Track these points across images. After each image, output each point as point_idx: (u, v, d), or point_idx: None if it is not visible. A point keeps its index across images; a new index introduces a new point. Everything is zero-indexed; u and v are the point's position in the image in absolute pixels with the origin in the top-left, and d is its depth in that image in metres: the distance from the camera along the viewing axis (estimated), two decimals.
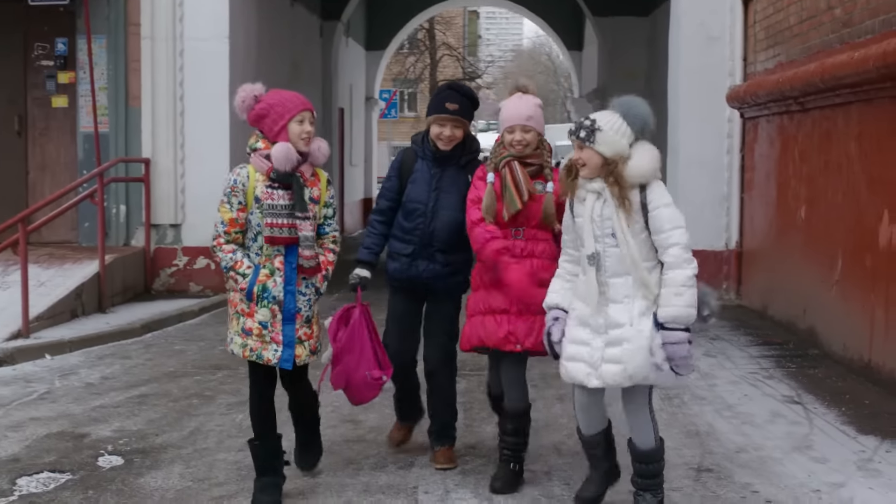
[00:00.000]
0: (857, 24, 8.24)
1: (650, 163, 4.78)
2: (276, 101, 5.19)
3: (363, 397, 5.66)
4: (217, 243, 5.17)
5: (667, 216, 4.73)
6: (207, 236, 12.36)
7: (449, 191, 5.82)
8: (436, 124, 5.80)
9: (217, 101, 12.17)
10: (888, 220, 7.45)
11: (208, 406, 7.37)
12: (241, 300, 5.20)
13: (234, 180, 5.15)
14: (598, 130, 4.75)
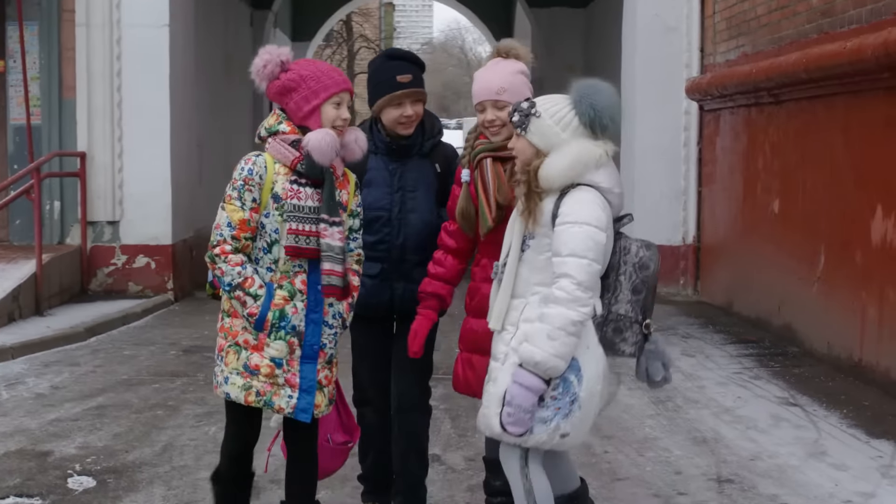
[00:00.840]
0: (839, 13, 8.03)
1: (563, 167, 3.76)
2: (311, 74, 4.12)
3: (326, 467, 4.50)
4: (221, 251, 4.03)
5: (567, 238, 3.71)
6: (147, 233, 12.18)
7: (415, 188, 4.77)
8: (390, 106, 4.68)
9: (157, 91, 11.56)
10: (882, 214, 7.23)
11: (175, 417, 6.88)
12: (244, 328, 4.08)
13: (250, 170, 4.05)
14: (533, 116, 3.85)
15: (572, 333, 3.70)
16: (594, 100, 3.82)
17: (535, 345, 3.72)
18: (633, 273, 3.83)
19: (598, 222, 3.73)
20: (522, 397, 3.74)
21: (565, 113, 3.84)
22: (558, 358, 3.70)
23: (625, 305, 3.83)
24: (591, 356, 3.79)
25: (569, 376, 3.76)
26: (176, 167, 11.85)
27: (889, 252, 7.13)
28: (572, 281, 3.68)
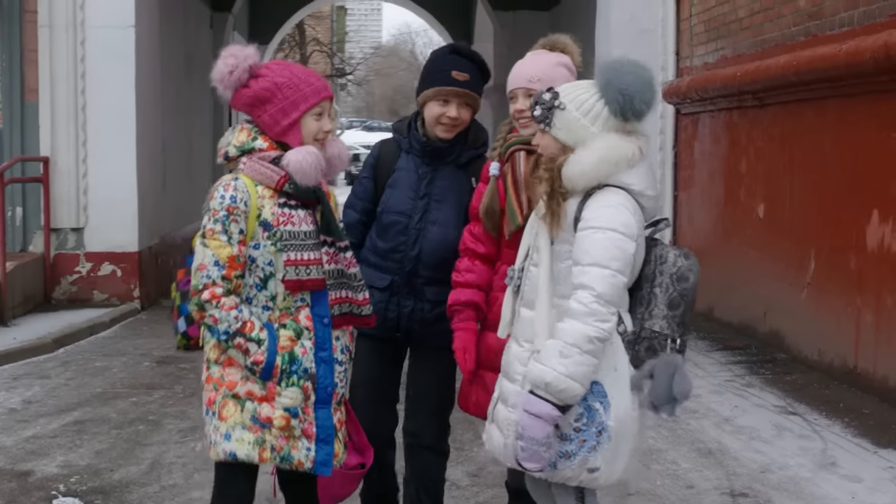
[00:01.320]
0: (829, 16, 7.92)
1: (589, 165, 3.32)
2: (287, 82, 3.59)
3: (337, 494, 3.94)
4: (211, 295, 3.45)
5: (589, 245, 3.28)
6: (112, 240, 11.84)
7: (442, 199, 4.33)
8: (436, 101, 4.24)
9: (123, 94, 11.22)
10: (878, 219, 7.13)
11: (158, 433, 6.60)
12: (244, 378, 3.56)
13: (233, 197, 3.47)
14: (557, 108, 3.40)
15: (588, 352, 3.24)
16: (623, 83, 3.34)
17: (546, 363, 3.28)
18: (670, 285, 3.38)
19: (625, 228, 3.30)
20: (533, 428, 3.27)
21: (594, 102, 3.38)
22: (571, 379, 3.23)
23: (660, 321, 3.36)
24: (619, 380, 3.33)
25: (593, 404, 3.31)
26: (142, 172, 11.53)
27: (886, 257, 7.02)
28: (591, 293, 3.25)
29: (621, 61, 3.44)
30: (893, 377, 6.91)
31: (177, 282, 3.79)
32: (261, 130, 3.63)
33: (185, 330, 3.73)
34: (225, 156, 3.63)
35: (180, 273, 3.79)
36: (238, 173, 3.57)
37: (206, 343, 3.66)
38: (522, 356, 3.49)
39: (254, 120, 3.64)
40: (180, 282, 3.76)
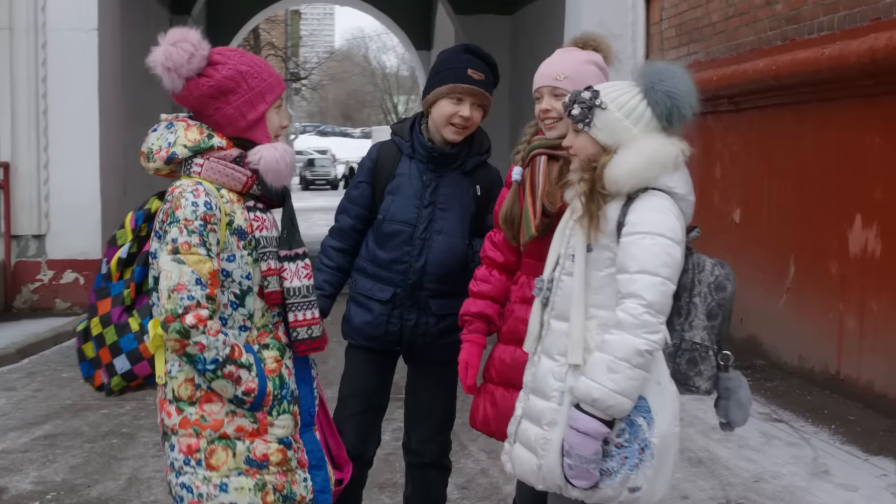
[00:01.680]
0: (807, 20, 7.89)
1: (637, 166, 3.15)
2: (250, 70, 3.21)
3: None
4: (196, 319, 3.00)
5: (638, 251, 3.10)
6: (75, 248, 11.59)
7: (448, 207, 4.14)
8: (450, 98, 4.03)
9: (85, 98, 11.02)
10: (861, 223, 7.09)
11: (133, 446, 6.41)
12: (230, 414, 3.14)
13: (207, 203, 3.08)
14: (598, 107, 3.21)
15: (638, 365, 3.05)
16: (671, 86, 3.20)
17: (594, 379, 3.08)
18: (708, 295, 3.23)
19: (673, 234, 3.11)
20: (582, 446, 3.10)
21: (636, 103, 3.21)
22: (621, 395, 3.05)
23: (700, 332, 3.20)
24: (662, 394, 3.15)
25: (636, 419, 3.11)
26: (105, 178, 11.33)
27: (870, 262, 6.98)
28: (641, 302, 3.05)
29: (666, 66, 3.29)
30: (879, 383, 6.87)
31: (108, 314, 3.26)
32: (210, 127, 3.20)
33: (129, 369, 3.22)
34: (168, 158, 3.17)
35: (104, 303, 3.28)
36: (194, 177, 3.16)
37: (172, 380, 3.15)
38: (557, 371, 3.28)
39: (209, 114, 3.21)
40: (112, 313, 3.25)
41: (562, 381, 3.25)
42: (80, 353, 3.37)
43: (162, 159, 3.19)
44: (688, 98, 3.21)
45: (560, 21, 12.66)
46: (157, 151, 3.19)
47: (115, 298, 3.26)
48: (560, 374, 3.26)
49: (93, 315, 3.29)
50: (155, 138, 3.23)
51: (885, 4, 6.82)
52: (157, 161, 3.19)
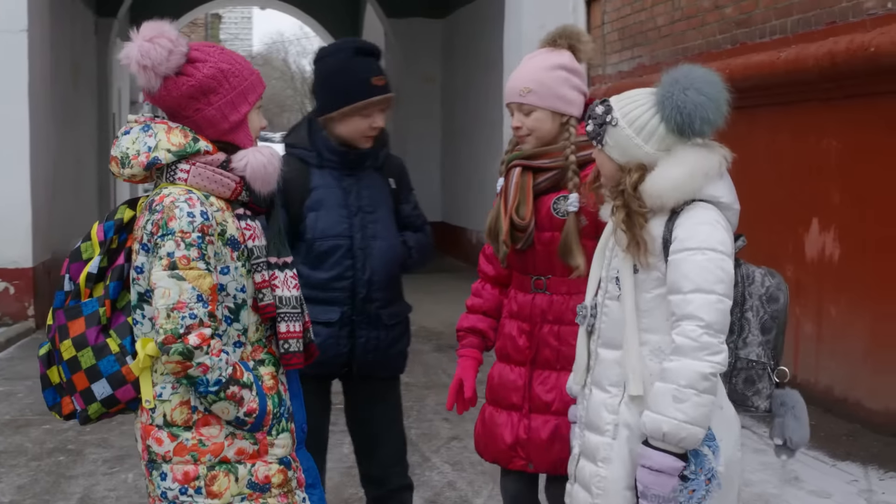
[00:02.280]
0: (759, 24, 7.88)
1: (681, 179, 2.97)
2: (231, 68, 3.03)
3: None
4: (200, 339, 2.83)
5: (689, 268, 2.91)
6: (5, 256, 11.14)
7: (375, 209, 3.96)
8: (360, 116, 3.85)
9: (15, 102, 10.65)
10: (818, 227, 7.08)
11: (82, 464, 6.17)
12: (229, 436, 2.98)
13: (204, 213, 2.90)
14: (608, 124, 3.04)
15: (705, 391, 2.83)
16: (681, 99, 2.97)
17: (660, 412, 2.86)
18: (761, 307, 3.07)
19: (724, 247, 2.93)
20: (658, 484, 2.88)
21: (648, 119, 3.02)
22: (692, 424, 2.83)
23: (756, 349, 3.05)
24: (724, 418, 2.97)
25: (700, 449, 2.89)
26: (36, 185, 10.98)
27: (828, 266, 6.97)
28: (699, 324, 2.85)
29: (686, 72, 3.05)
30: (838, 387, 6.86)
31: (83, 335, 3.01)
32: (191, 129, 3.01)
33: (110, 394, 2.99)
34: (149, 164, 2.96)
35: (77, 324, 3.02)
36: (179, 184, 2.96)
37: (164, 403, 2.96)
38: (610, 403, 3.09)
39: (188, 115, 3.01)
40: (87, 335, 3.01)
41: (615, 414, 3.06)
42: (43, 379, 3.14)
43: (141, 165, 2.97)
44: (702, 111, 2.98)
45: (498, 24, 12.58)
46: (133, 156, 2.98)
47: (89, 318, 3.03)
48: (613, 406, 3.08)
49: (63, 337, 3.02)
50: (129, 142, 3.01)
51: (840, 8, 6.81)
52: (135, 167, 2.98)
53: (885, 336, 6.44)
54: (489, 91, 14.44)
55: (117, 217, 3.12)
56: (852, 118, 6.70)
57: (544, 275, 3.66)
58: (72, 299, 3.08)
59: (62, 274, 3.16)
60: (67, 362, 3.00)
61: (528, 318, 3.69)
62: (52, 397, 3.12)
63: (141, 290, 2.97)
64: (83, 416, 3.04)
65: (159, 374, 2.97)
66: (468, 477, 5.80)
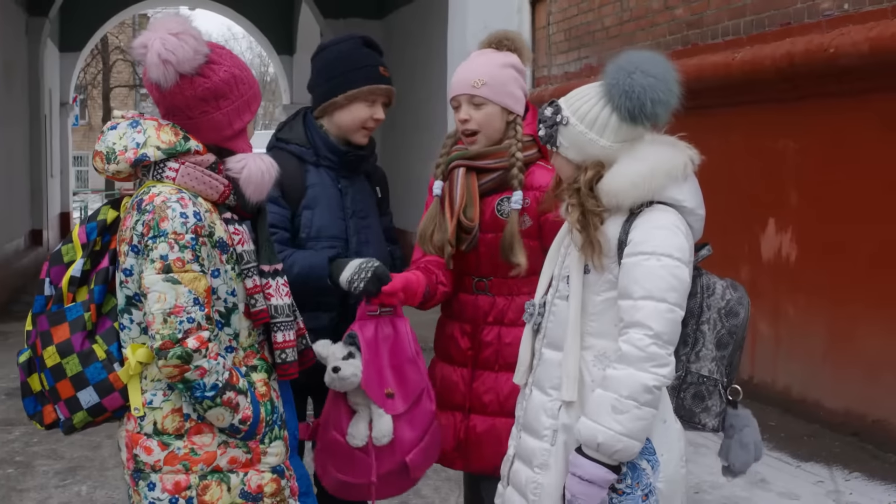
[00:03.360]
0: (711, 24, 7.88)
1: (638, 177, 2.84)
2: (241, 74, 2.98)
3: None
4: (199, 342, 2.76)
5: (642, 274, 2.79)
6: None
7: (366, 214, 3.88)
8: (364, 102, 3.75)
9: None
10: (775, 228, 7.09)
11: (32, 477, 5.99)
12: (222, 445, 2.89)
13: (196, 214, 2.83)
14: (560, 124, 2.92)
15: (646, 403, 2.74)
16: (628, 83, 2.83)
17: (597, 420, 2.76)
18: (719, 321, 2.93)
19: (681, 254, 2.81)
20: (587, 495, 2.79)
21: (599, 111, 2.89)
22: (629, 437, 2.74)
23: (708, 364, 2.91)
24: (668, 433, 2.88)
25: (639, 462, 2.82)
26: None
27: (785, 267, 6.99)
28: (647, 332, 2.74)
29: (630, 57, 2.91)
30: (796, 387, 6.87)
31: (67, 341, 2.91)
32: (189, 130, 2.93)
33: (97, 402, 2.89)
34: (136, 160, 2.87)
35: (60, 330, 2.92)
36: (167, 182, 2.88)
37: (154, 411, 2.87)
38: (550, 407, 2.99)
39: (192, 116, 2.92)
40: (72, 341, 2.91)
41: (554, 419, 2.97)
42: (24, 387, 3.03)
43: (128, 161, 2.89)
44: (651, 92, 2.84)
45: (438, 25, 12.54)
46: (120, 152, 2.89)
47: (74, 323, 2.93)
48: (552, 410, 2.98)
49: (47, 343, 2.92)
50: (116, 137, 2.92)
51: (795, 9, 6.83)
52: (121, 163, 2.90)
53: (844, 336, 6.46)
54: (430, 91, 14.38)
55: (100, 218, 3.05)
56: (808, 119, 6.72)
57: (486, 276, 3.65)
58: (54, 304, 2.99)
59: (42, 278, 3.05)
60: (51, 370, 2.90)
61: (471, 320, 3.69)
62: (32, 406, 3.03)
63: (129, 293, 2.88)
64: (67, 425, 2.95)
65: (149, 381, 2.89)
66: (433, 483, 5.71)
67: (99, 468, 5.96)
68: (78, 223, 3.11)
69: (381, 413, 3.40)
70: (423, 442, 3.47)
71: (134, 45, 2.90)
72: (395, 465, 3.46)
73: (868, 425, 6.19)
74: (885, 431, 6.04)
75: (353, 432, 3.44)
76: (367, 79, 3.75)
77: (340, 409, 3.48)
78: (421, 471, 3.50)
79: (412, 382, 3.45)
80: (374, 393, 3.41)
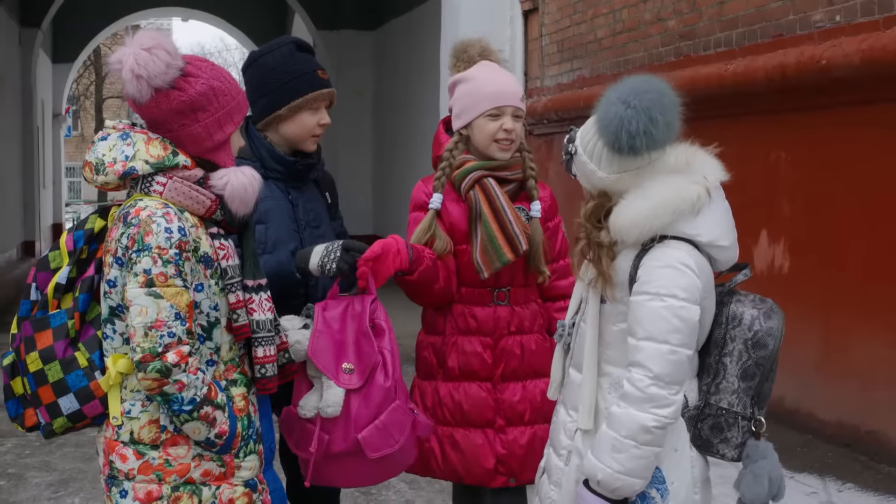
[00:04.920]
0: (703, 36, 7.91)
1: (643, 213, 2.79)
2: (222, 86, 2.97)
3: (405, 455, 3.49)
4: (179, 357, 2.76)
5: (644, 315, 2.77)
6: None
7: (318, 223, 3.80)
8: (309, 110, 3.69)
9: None
10: (768, 239, 7.10)
11: (24, 489, 5.96)
12: (196, 457, 2.90)
13: (181, 229, 2.83)
14: (573, 154, 2.94)
15: (646, 443, 2.73)
16: (611, 113, 2.80)
17: (598, 458, 2.78)
18: (745, 352, 2.90)
19: (687, 293, 2.75)
20: None
21: (595, 142, 2.86)
22: (627, 476, 2.75)
23: (728, 397, 2.89)
24: (680, 462, 2.88)
25: (649, 492, 2.82)
26: None
27: (777, 277, 6.99)
28: (647, 374, 2.72)
29: (619, 85, 2.89)
30: (789, 398, 6.87)
31: (51, 347, 2.92)
32: (173, 143, 2.92)
33: (77, 409, 2.91)
34: (125, 173, 2.87)
35: (44, 336, 2.94)
36: (154, 196, 2.87)
37: (132, 420, 2.88)
38: (569, 427, 3.02)
39: (171, 129, 2.92)
40: (55, 347, 2.93)
41: (570, 440, 3.00)
42: (7, 389, 3.03)
43: (117, 174, 2.88)
44: (629, 124, 2.78)
45: (431, 36, 12.56)
46: (109, 164, 2.89)
47: (58, 330, 2.95)
48: (570, 431, 3.02)
49: (30, 348, 2.94)
50: (106, 148, 2.92)
51: (787, 21, 6.85)
52: (110, 174, 2.89)
53: (836, 346, 6.47)
54: (423, 103, 14.40)
55: (88, 226, 3.05)
56: (801, 130, 6.74)
57: (506, 286, 3.65)
58: (39, 310, 3.01)
59: (28, 283, 3.07)
60: (33, 374, 2.92)
61: (491, 332, 3.66)
62: (14, 408, 3.03)
63: (113, 304, 2.90)
64: (48, 429, 2.96)
65: (129, 391, 2.90)
66: (426, 496, 5.71)
67: (91, 480, 5.94)
68: (66, 230, 3.12)
69: (331, 385, 3.29)
70: (380, 420, 3.30)
71: (110, 60, 2.92)
72: (349, 444, 3.31)
73: (861, 436, 6.20)
74: (877, 442, 6.05)
75: (302, 403, 3.35)
76: (309, 86, 3.69)
77: (301, 384, 3.41)
78: (378, 451, 3.30)
79: (366, 356, 3.34)
80: (323, 364, 3.31)
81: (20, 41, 17.75)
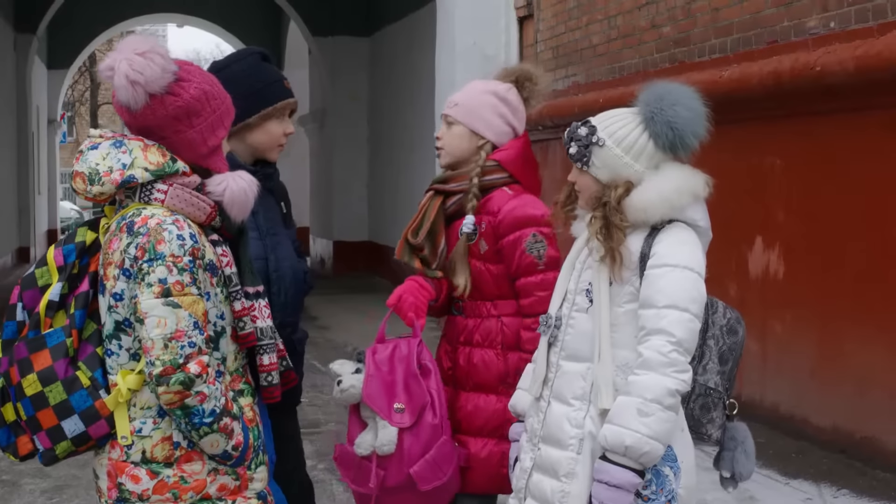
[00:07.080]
0: (698, 42, 7.93)
1: (667, 194, 2.93)
2: (212, 90, 2.92)
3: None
4: (200, 367, 2.68)
5: (666, 284, 2.88)
6: None
7: (276, 231, 3.79)
8: (277, 119, 3.71)
9: None
10: (762, 245, 7.12)
11: (19, 496, 5.96)
12: (212, 472, 2.83)
13: (193, 237, 2.77)
14: (595, 145, 3.01)
15: (670, 407, 2.81)
16: (671, 115, 2.96)
17: (623, 424, 2.82)
18: (721, 337, 3.04)
19: (701, 270, 2.93)
20: (615, 501, 2.83)
21: (637, 137, 2.99)
22: (655, 440, 2.80)
23: (714, 377, 3.01)
24: (685, 441, 2.97)
25: (662, 469, 2.88)
26: None
27: (773, 283, 7.01)
28: (670, 339, 2.82)
29: (669, 89, 3.05)
30: (784, 405, 6.89)
31: (50, 368, 2.79)
32: (167, 149, 2.83)
33: (83, 431, 2.79)
34: (123, 182, 2.77)
35: (41, 357, 2.80)
36: (155, 205, 2.79)
37: (144, 439, 2.79)
38: (574, 416, 3.02)
39: (166, 136, 2.83)
40: (55, 368, 2.79)
41: (580, 428, 3.00)
42: None
43: (114, 183, 2.77)
44: (692, 125, 2.98)
45: (426, 42, 12.58)
46: (105, 173, 2.77)
47: (55, 350, 2.81)
48: (577, 420, 3.01)
49: (27, 371, 2.79)
50: (99, 157, 2.79)
51: (782, 28, 6.88)
52: (106, 184, 2.77)
53: (831, 352, 6.49)
54: (418, 109, 14.41)
55: (78, 240, 2.94)
56: (795, 136, 6.77)
57: (461, 298, 3.73)
58: (30, 330, 2.87)
59: (12, 303, 2.95)
60: (31, 398, 2.78)
61: (451, 340, 3.81)
62: (6, 437, 2.89)
63: (119, 318, 2.79)
64: (49, 455, 2.83)
65: (138, 409, 2.80)
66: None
67: (86, 487, 5.93)
68: (52, 245, 3.01)
69: (385, 424, 3.51)
70: (430, 455, 3.52)
71: (101, 68, 2.84)
72: (402, 478, 3.53)
73: (856, 442, 6.22)
74: (873, 448, 6.06)
75: (359, 442, 3.58)
76: (279, 95, 3.70)
77: (354, 423, 3.65)
78: (429, 484, 3.52)
79: (416, 396, 3.55)
80: (377, 405, 3.53)
81: (15, 47, 17.76)
